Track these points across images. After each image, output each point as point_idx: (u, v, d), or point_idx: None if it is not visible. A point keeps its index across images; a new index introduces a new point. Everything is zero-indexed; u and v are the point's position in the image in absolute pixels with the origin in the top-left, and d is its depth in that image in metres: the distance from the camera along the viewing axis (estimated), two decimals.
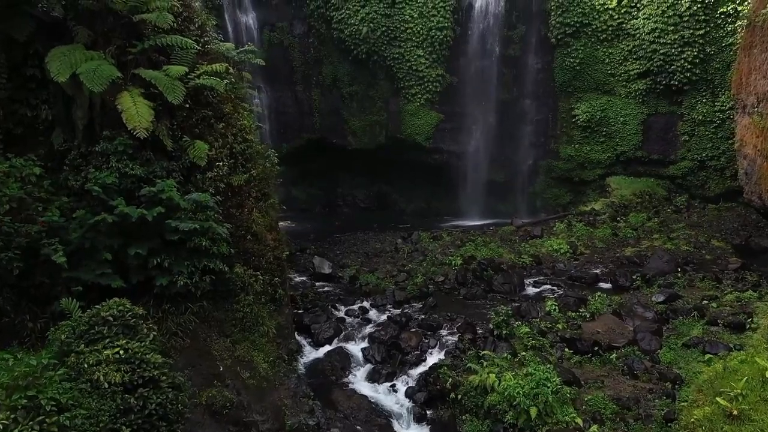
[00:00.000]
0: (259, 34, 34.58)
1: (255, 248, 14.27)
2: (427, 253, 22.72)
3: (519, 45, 31.81)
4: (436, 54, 31.94)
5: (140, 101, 11.99)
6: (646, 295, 17.54)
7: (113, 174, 11.73)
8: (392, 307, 18.23)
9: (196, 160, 12.77)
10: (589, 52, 30.60)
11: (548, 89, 31.89)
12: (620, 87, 30.56)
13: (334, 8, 32.28)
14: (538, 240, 24.05)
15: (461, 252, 22.35)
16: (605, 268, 21.10)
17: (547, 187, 32.86)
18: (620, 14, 29.72)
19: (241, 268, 13.71)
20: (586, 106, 30.89)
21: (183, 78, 12.84)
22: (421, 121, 32.77)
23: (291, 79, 35.08)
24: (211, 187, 13.13)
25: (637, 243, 23.64)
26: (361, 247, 25.06)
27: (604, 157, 31.11)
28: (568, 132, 31.77)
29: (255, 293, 13.58)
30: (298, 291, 19.01)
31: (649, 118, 30.43)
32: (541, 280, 20.19)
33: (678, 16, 28.36)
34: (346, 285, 20.36)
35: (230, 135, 13.99)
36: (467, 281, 19.75)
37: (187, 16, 13.81)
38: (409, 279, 20.09)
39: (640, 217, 26.51)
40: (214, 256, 12.34)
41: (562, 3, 30.20)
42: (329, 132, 35.03)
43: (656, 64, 29.19)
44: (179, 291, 11.89)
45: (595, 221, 26.12)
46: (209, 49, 14.02)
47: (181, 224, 11.50)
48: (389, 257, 23.15)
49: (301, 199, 36.46)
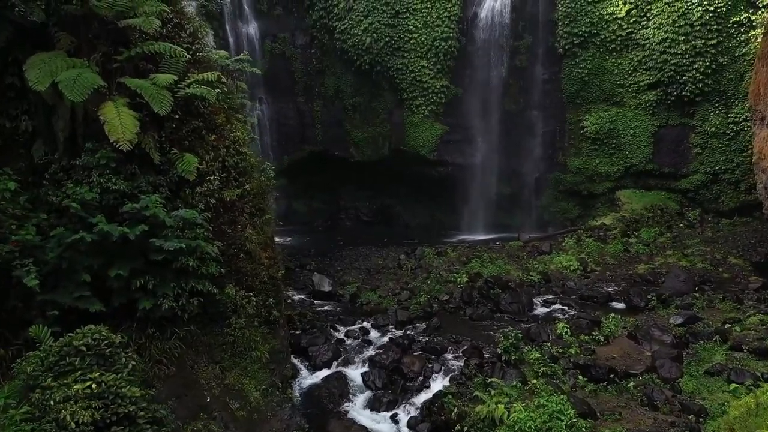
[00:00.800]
0: (260, 44, 34.02)
1: (248, 267, 13.44)
2: (431, 270, 21.85)
3: (525, 55, 31.09)
4: (441, 65, 31.27)
5: (125, 112, 11.25)
6: (663, 316, 16.60)
7: (95, 189, 10.96)
8: (394, 327, 17.35)
9: (184, 174, 11.99)
10: (597, 62, 29.84)
11: (556, 100, 31.10)
12: (630, 98, 29.75)
13: (336, 18, 31.70)
14: (546, 256, 23.15)
15: (467, 269, 21.47)
16: (618, 286, 20.18)
17: (554, 200, 31.98)
18: (629, 24, 28.98)
19: (233, 288, 12.88)
20: (595, 118, 30.08)
21: (172, 87, 12.12)
22: (425, 133, 32.03)
23: (293, 90, 34.45)
24: (201, 203, 12.34)
25: (650, 259, 22.72)
26: (363, 263, 24.21)
27: (613, 169, 30.24)
28: (576, 144, 30.94)
29: (247, 316, 12.74)
30: (296, 310, 18.15)
31: (660, 130, 29.58)
32: (550, 299, 19.28)
33: (689, 25, 27.59)
34: (347, 304, 19.50)
35: (222, 147, 13.22)
36: (473, 300, 18.86)
37: (177, 22, 13.10)
38: (413, 298, 19.21)
39: (652, 232, 25.60)
40: (202, 276, 11.54)
41: (570, 13, 29.50)
42: (331, 144, 34.32)
43: (667, 74, 28.39)
44: (164, 315, 11.07)
45: (605, 236, 25.22)
46: (201, 57, 13.29)
47: (166, 243, 10.70)
48: (392, 274, 22.29)
49: (303, 212, 35.70)
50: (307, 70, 33.95)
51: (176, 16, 13.10)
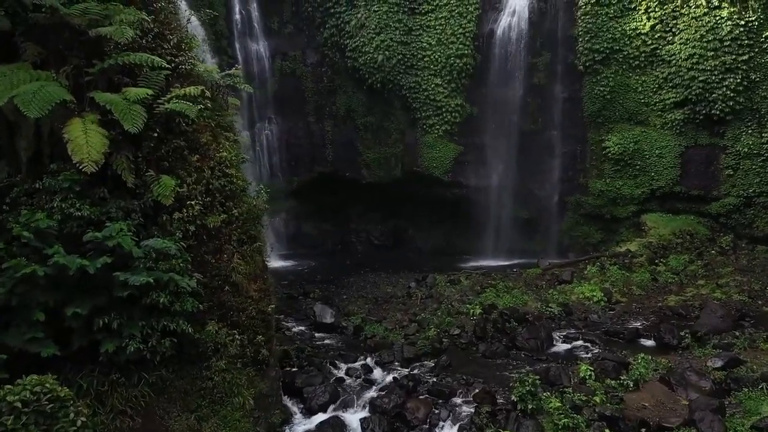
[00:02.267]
0: (270, 63, 33.17)
1: (234, 301, 12.13)
2: (442, 300, 20.35)
3: (544, 73, 29.73)
4: (455, 83, 30.05)
5: (93, 129, 10.11)
6: (699, 357, 14.88)
7: (55, 215, 9.78)
8: (400, 365, 15.86)
9: (160, 198, 10.78)
10: (620, 80, 28.38)
11: (576, 120, 29.62)
12: (655, 117, 28.19)
13: (348, 36, 30.75)
14: (567, 285, 21.51)
15: (481, 299, 19.94)
16: (646, 320, 18.48)
17: (575, 224, 30.34)
18: (654, 39, 27.54)
19: (216, 325, 11.56)
20: (618, 138, 28.52)
21: (151, 102, 11.00)
22: (439, 154, 30.72)
23: (303, 109, 33.46)
24: (179, 230, 11.09)
25: (680, 290, 20.99)
26: (370, 290, 22.81)
27: (638, 192, 28.57)
28: (598, 165, 29.35)
29: (229, 356, 11.38)
30: (294, 344, 16.77)
31: (688, 151, 27.89)
32: (572, 333, 17.65)
33: (718, 40, 26.07)
34: (350, 337, 18.06)
35: (207, 169, 12.01)
36: (487, 335, 17.31)
37: (159, 32, 12.00)
38: (421, 331, 17.72)
39: (682, 259, 23.85)
40: (176, 314, 10.24)
41: (590, 28, 28.17)
42: (342, 165, 33.16)
43: (695, 92, 26.81)
44: (130, 358, 9.76)
45: (631, 264, 23.51)
46: (186, 70, 12.15)
47: (131, 278, 9.43)
48: (400, 303, 20.83)
49: (312, 235, 34.42)
50: (317, 89, 32.98)
51: (158, 26, 12.01)
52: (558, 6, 29.18)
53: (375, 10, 30.01)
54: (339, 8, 30.95)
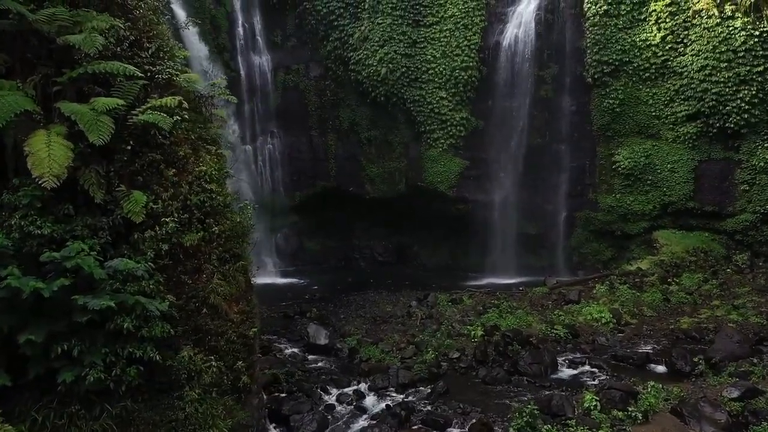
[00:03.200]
0: (272, 76, 32.84)
1: (212, 325, 11.35)
2: (442, 321, 19.46)
3: (552, 85, 29.03)
4: (460, 96, 29.43)
5: (57, 142, 9.46)
6: (714, 386, 13.86)
7: (13, 233, 9.13)
8: (395, 390, 14.98)
9: (130, 215, 10.08)
10: (630, 92, 27.57)
11: (585, 133, 28.81)
12: (667, 130, 27.28)
13: (351, 49, 30.30)
14: (574, 306, 20.53)
15: (483, 320, 19.03)
16: (657, 344, 17.46)
17: (585, 241, 29.37)
18: (665, 51, 26.73)
19: (191, 351, 10.77)
20: (628, 152, 27.65)
21: (124, 113, 10.38)
22: (444, 168, 30.02)
23: (306, 123, 33.02)
24: (151, 250, 10.39)
25: (694, 311, 19.95)
26: (369, 309, 21.98)
27: (649, 208, 27.60)
28: (608, 180, 28.46)
29: (203, 385, 10.60)
30: (284, 368, 15.94)
31: (701, 165, 26.92)
32: (577, 358, 16.67)
33: (732, 51, 25.19)
34: (344, 359, 17.21)
35: (185, 184, 11.31)
36: (488, 358, 16.40)
37: (136, 40, 11.40)
38: (418, 354, 16.85)
39: (696, 278, 22.81)
40: (143, 340, 9.50)
41: (599, 40, 27.44)
42: (346, 179, 32.60)
43: (708, 104, 25.91)
44: (92, 388, 9.03)
45: (642, 283, 22.48)
46: (162, 80, 11.51)
47: (91, 301, 8.73)
48: (399, 324, 19.98)
49: (315, 251, 33.76)
50: (321, 102, 32.56)
51: (134, 33, 11.40)
52: (565, 17, 28.53)
53: (379, 22, 29.57)
54: (342, 21, 30.56)
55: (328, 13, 30.73)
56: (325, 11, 30.73)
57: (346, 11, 30.55)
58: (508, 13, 29.45)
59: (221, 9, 31.21)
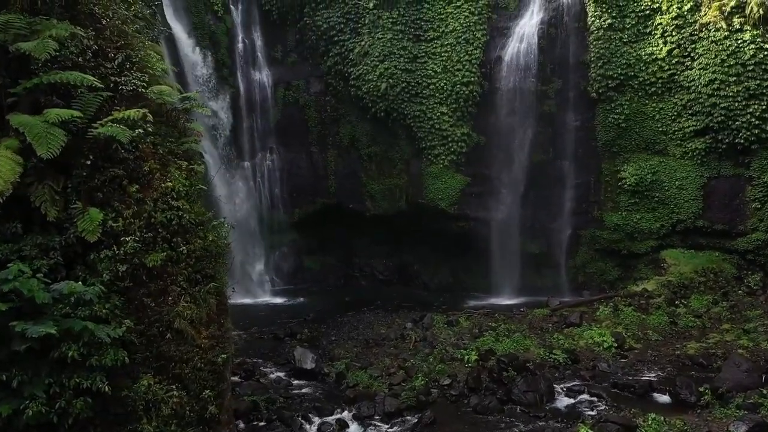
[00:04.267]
0: (272, 92, 32.39)
1: (176, 351, 10.69)
2: (436, 344, 18.63)
3: (555, 100, 28.30)
4: (462, 111, 28.76)
5: (5, 156, 8.98)
6: (721, 419, 12.90)
7: None
8: (380, 419, 14.20)
9: (84, 234, 9.51)
10: (636, 107, 26.79)
11: (589, 149, 28.00)
12: (674, 146, 26.42)
13: (351, 64, 29.83)
14: (575, 329, 19.61)
15: (478, 344, 18.16)
16: (662, 371, 16.51)
17: (590, 260, 28.42)
18: (671, 65, 25.98)
19: (151, 379, 10.12)
20: (634, 168, 26.78)
21: (85, 126, 9.86)
22: (445, 185, 29.29)
23: (306, 139, 32.47)
24: (107, 271, 9.77)
25: (702, 336, 18.98)
26: (363, 331, 21.19)
27: (657, 226, 26.65)
28: (613, 197, 27.58)
29: (163, 417, 9.90)
30: (267, 393, 15.20)
31: (711, 182, 25.98)
32: (576, 386, 15.76)
33: (741, 65, 24.38)
34: (331, 385, 16.44)
35: (149, 201, 10.72)
36: (481, 385, 15.55)
37: (99, 50, 10.89)
38: (408, 380, 16.04)
39: (705, 300, 21.83)
40: (93, 369, 8.84)
41: (603, 54, 26.75)
42: (346, 196, 31.94)
43: (716, 120, 25.05)
44: (31, 422, 8.36)
45: (647, 305, 21.52)
46: (127, 92, 10.98)
47: (30, 328, 8.09)
48: (392, 347, 19.16)
49: (315, 270, 32.99)
50: (321, 118, 32.05)
51: (104, 43, 10.90)
52: (569, 31, 27.89)
53: (379, 37, 29.11)
54: (343, 36, 30.14)
55: (328, 29, 30.34)
56: (326, 26, 30.34)
57: (347, 26, 30.14)
58: (510, 27, 28.84)
59: (221, 25, 30.94)
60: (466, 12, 28.58)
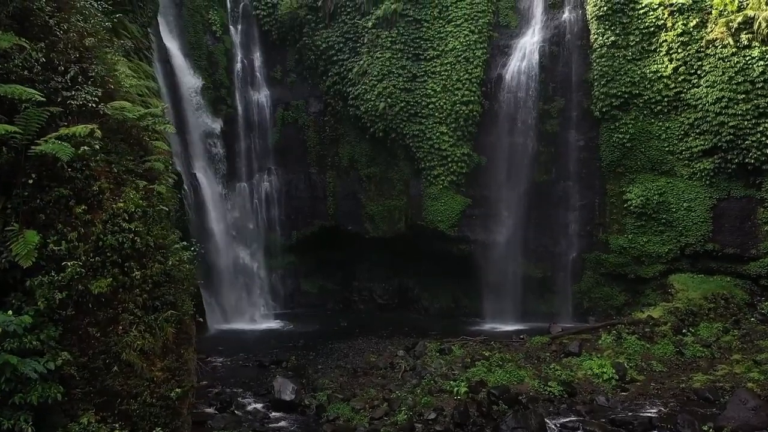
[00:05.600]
0: (271, 112, 32.08)
1: (124, 386, 9.91)
2: (425, 374, 17.62)
3: (557, 119, 27.53)
4: (462, 131, 28.08)
5: None
6: None
7: None
8: None
9: (18, 259, 8.82)
10: (641, 126, 25.91)
11: (593, 169, 27.09)
12: (681, 166, 25.43)
13: (350, 84, 29.37)
14: (574, 358, 18.51)
15: (469, 374, 17.14)
16: (664, 406, 15.34)
17: (595, 285, 27.30)
18: (677, 83, 25.11)
19: (92, 417, 9.35)
20: (640, 189, 25.80)
21: (27, 143, 9.24)
22: (445, 207, 28.47)
23: (305, 160, 32.00)
24: (43, 299, 9.06)
25: (710, 367, 17.79)
26: (352, 359, 20.26)
27: (664, 249, 25.55)
28: (619, 219, 26.56)
29: None
30: (240, 428, 14.31)
31: (720, 204, 24.89)
32: (571, 422, 14.66)
33: (750, 82, 23.46)
34: (310, 418, 15.50)
35: (98, 222, 10.04)
36: (468, 421, 14.52)
37: (48, 62, 10.31)
38: (391, 414, 15.05)
39: (714, 328, 20.64)
40: (16, 408, 8.07)
41: (607, 72, 25.98)
42: (345, 218, 31.27)
43: (725, 139, 24.06)
44: None
45: (652, 333, 20.35)
46: (75, 107, 10.35)
47: None
48: (380, 376, 18.20)
49: (313, 293, 32.24)
50: (320, 138, 31.59)
51: (48, 54, 10.31)
52: (571, 49, 27.21)
53: (378, 56, 28.66)
54: (342, 56, 29.76)
55: (327, 48, 29.99)
56: (325, 46, 30.00)
57: (346, 46, 29.76)
58: (511, 45, 28.26)
59: (219, 45, 30.74)
60: (466, 30, 28.07)
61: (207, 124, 29.14)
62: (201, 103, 28.81)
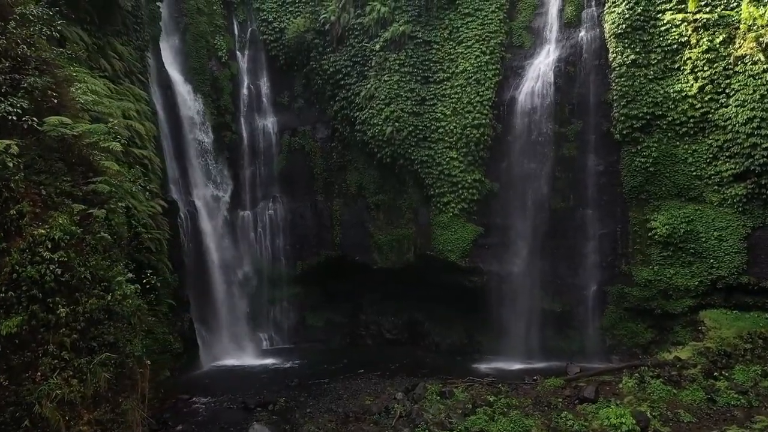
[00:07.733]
0: (277, 139, 31.14)
1: None
2: (419, 422, 15.83)
3: (575, 143, 25.82)
4: (473, 155, 26.60)
5: None
6: None
7: None
8: None
9: None
10: (665, 149, 24.05)
11: (615, 196, 25.19)
12: (711, 192, 23.41)
13: (357, 108, 28.26)
14: (589, 405, 16.49)
15: (468, 423, 15.29)
16: None
17: (619, 320, 25.15)
18: (704, 102, 23.27)
19: None
20: (666, 217, 23.80)
21: None
22: (455, 236, 26.84)
23: (311, 187, 30.86)
24: None
25: (746, 418, 15.62)
26: (346, 402, 18.57)
27: (694, 283, 23.39)
28: (643, 249, 24.53)
29: None
30: None
31: (755, 233, 22.72)
32: None
33: None
34: None
35: (15, 251, 8.78)
36: None
37: None
38: None
39: (752, 372, 18.39)
40: None
41: (627, 92, 24.30)
42: (352, 248, 29.85)
43: (758, 162, 22.04)
44: None
45: (680, 377, 18.19)
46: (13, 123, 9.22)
47: None
48: (372, 423, 16.46)
49: (319, 327, 30.65)
50: (327, 165, 30.46)
51: None
52: (588, 69, 25.63)
53: (386, 79, 27.55)
54: (349, 79, 28.76)
55: (335, 72, 29.03)
56: (332, 70, 29.05)
57: (353, 69, 28.75)
58: (525, 66, 26.83)
59: (225, 71, 30.05)
60: (478, 51, 26.80)
61: (208, 150, 28.25)
62: (203, 129, 27.96)
